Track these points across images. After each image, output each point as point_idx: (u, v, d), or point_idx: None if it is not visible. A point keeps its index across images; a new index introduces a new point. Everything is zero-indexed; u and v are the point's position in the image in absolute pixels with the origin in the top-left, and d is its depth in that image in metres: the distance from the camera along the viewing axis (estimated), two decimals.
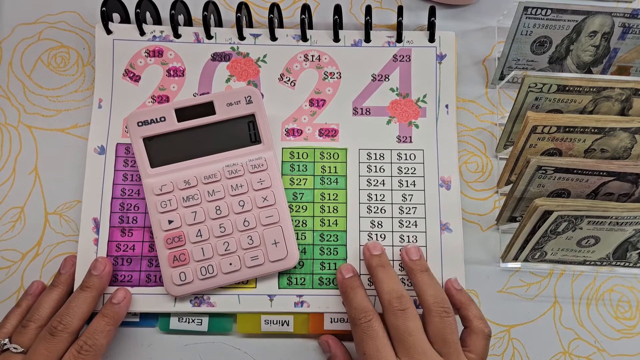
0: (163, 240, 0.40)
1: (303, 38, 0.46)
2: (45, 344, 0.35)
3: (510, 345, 0.43)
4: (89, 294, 0.38)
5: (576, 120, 0.38)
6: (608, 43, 0.43)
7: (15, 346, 0.36)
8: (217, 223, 0.40)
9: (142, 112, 0.40)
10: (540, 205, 0.36)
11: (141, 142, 0.40)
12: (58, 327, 0.36)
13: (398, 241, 0.43)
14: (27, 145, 0.45)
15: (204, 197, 0.40)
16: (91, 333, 0.36)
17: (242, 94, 0.40)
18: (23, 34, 0.47)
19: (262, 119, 0.41)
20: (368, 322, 0.35)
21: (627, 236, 0.38)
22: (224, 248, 0.40)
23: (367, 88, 0.45)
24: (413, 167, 0.44)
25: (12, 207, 0.44)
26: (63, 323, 0.36)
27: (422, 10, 0.49)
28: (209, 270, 0.40)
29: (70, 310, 0.37)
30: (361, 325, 0.36)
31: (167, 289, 0.40)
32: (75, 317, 0.37)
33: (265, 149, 0.41)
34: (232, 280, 0.40)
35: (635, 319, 0.43)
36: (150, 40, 0.45)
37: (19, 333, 0.37)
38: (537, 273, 0.44)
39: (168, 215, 0.40)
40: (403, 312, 0.35)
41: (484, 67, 0.48)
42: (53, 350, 0.35)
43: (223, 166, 0.41)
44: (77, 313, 0.37)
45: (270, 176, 0.41)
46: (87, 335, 0.36)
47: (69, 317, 0.36)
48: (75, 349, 0.35)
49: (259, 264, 0.40)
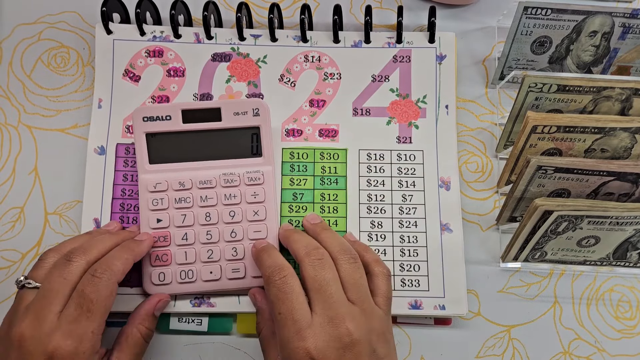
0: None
1: (303, 39, 0.46)
2: (61, 269, 0.34)
3: (510, 345, 0.43)
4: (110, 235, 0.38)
5: (576, 120, 0.38)
6: (608, 43, 0.43)
7: (29, 281, 0.34)
8: (204, 229, 0.40)
9: (149, 108, 0.40)
10: (540, 205, 0.36)
11: (143, 137, 0.40)
12: (75, 253, 0.34)
13: (398, 241, 0.43)
14: (27, 145, 0.45)
15: (196, 201, 0.40)
16: (106, 258, 0.35)
17: (250, 105, 0.40)
18: (23, 34, 0.47)
19: (267, 133, 0.41)
20: (283, 278, 0.35)
21: (627, 236, 0.38)
22: (207, 255, 0.40)
23: (367, 89, 0.45)
24: (413, 167, 0.44)
25: (12, 207, 0.44)
26: (81, 249, 0.35)
27: (422, 11, 0.49)
28: (189, 275, 0.40)
29: (90, 241, 0.36)
30: (276, 283, 0.35)
31: (145, 286, 0.40)
32: (95, 247, 0.36)
33: (264, 163, 0.41)
34: (210, 289, 0.40)
35: (635, 319, 0.43)
36: (150, 40, 0.45)
37: (35, 267, 0.35)
38: (537, 273, 0.44)
39: (158, 213, 0.40)
40: (320, 261, 0.35)
41: (484, 67, 0.48)
42: (68, 275, 0.34)
43: (220, 174, 0.41)
44: (97, 244, 0.36)
45: (265, 191, 0.41)
46: (102, 260, 0.35)
47: (87, 245, 0.35)
48: (90, 272, 0.34)
49: (239, 276, 0.40)
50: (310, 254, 0.36)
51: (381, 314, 0.35)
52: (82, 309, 0.33)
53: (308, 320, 0.33)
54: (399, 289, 0.42)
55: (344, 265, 0.36)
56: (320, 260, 0.35)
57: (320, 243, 0.38)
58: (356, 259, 0.37)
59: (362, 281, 0.36)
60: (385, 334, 0.35)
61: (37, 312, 0.33)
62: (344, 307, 0.34)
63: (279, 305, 0.34)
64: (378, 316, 0.35)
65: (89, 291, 0.33)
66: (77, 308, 0.33)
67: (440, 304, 0.41)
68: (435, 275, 0.42)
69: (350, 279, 0.35)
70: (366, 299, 0.35)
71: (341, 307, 0.34)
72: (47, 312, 0.33)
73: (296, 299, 0.34)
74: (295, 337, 0.32)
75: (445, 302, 0.41)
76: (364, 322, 0.34)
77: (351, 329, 0.33)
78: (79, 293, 0.33)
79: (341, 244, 0.37)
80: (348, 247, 0.37)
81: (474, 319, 0.43)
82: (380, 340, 0.34)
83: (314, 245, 0.37)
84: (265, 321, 0.38)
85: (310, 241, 0.37)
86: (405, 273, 0.42)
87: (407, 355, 0.42)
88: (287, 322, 0.33)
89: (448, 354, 0.42)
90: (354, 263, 0.36)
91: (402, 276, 0.42)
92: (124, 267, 0.35)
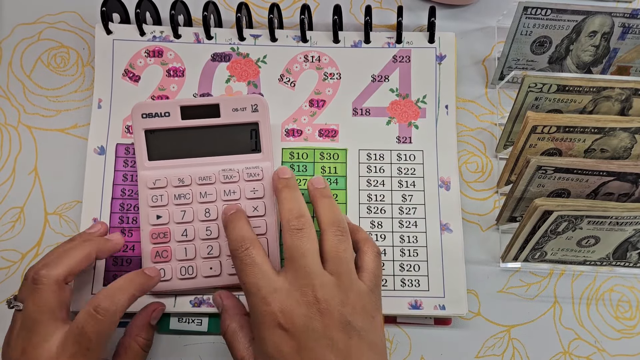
0: (148, 234, 0.40)
1: (303, 39, 0.46)
2: (33, 296, 0.33)
3: (510, 345, 0.43)
4: (81, 244, 0.37)
5: (576, 120, 0.38)
6: (608, 43, 0.43)
7: (17, 304, 0.34)
8: (204, 225, 0.40)
9: (148, 105, 0.40)
10: (540, 205, 0.36)
11: (142, 133, 0.40)
12: (39, 274, 0.33)
13: (398, 241, 0.43)
14: (27, 145, 0.45)
15: (196, 197, 0.40)
16: (112, 291, 0.34)
17: (249, 101, 0.40)
18: (23, 34, 0.47)
19: (265, 129, 0.41)
20: (245, 251, 0.34)
21: (627, 236, 0.38)
22: (207, 252, 0.40)
23: (366, 89, 0.45)
24: (413, 167, 0.44)
25: (12, 207, 0.44)
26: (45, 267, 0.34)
27: (422, 11, 0.49)
28: (189, 271, 0.40)
29: (57, 256, 0.35)
30: (239, 256, 0.34)
31: None
32: (60, 261, 0.34)
33: (263, 159, 0.41)
34: (210, 285, 0.40)
35: (635, 319, 0.43)
36: (150, 40, 0.45)
37: (21, 287, 0.34)
38: (537, 273, 0.44)
39: (157, 210, 0.40)
40: (300, 231, 0.34)
41: (483, 67, 0.48)
42: (39, 301, 0.33)
43: (219, 170, 0.41)
44: (62, 258, 0.35)
45: (264, 187, 0.41)
46: (106, 294, 0.34)
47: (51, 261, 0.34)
48: (93, 308, 0.33)
49: None
50: (291, 222, 0.35)
51: (364, 288, 0.34)
52: (80, 346, 0.32)
53: (273, 287, 0.33)
54: (399, 289, 0.42)
55: (330, 237, 0.35)
56: (299, 230, 0.34)
57: (315, 209, 0.37)
58: (344, 232, 0.35)
59: (346, 254, 0.35)
60: (366, 308, 0.33)
61: (26, 345, 0.33)
62: (317, 277, 0.33)
63: (243, 277, 0.34)
64: (358, 290, 0.34)
65: (89, 330, 0.32)
66: (74, 344, 0.32)
67: (440, 304, 0.41)
68: (435, 275, 0.42)
69: (332, 251, 0.34)
70: (346, 272, 0.34)
71: (313, 277, 0.33)
72: (35, 344, 0.33)
73: (259, 268, 0.33)
74: (261, 302, 0.32)
75: (445, 302, 0.41)
76: (337, 293, 0.33)
77: (319, 297, 0.32)
78: (79, 329, 0.32)
79: (334, 215, 0.36)
80: (340, 219, 0.36)
81: (474, 319, 0.43)
82: (358, 313, 0.33)
83: (298, 212, 0.35)
84: (232, 316, 0.37)
85: (295, 205, 0.36)
86: (405, 273, 0.42)
87: (407, 355, 0.42)
88: (252, 290, 0.33)
89: (448, 354, 0.42)
90: (340, 236, 0.35)
91: (402, 276, 0.42)
92: (128, 303, 0.35)
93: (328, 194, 0.38)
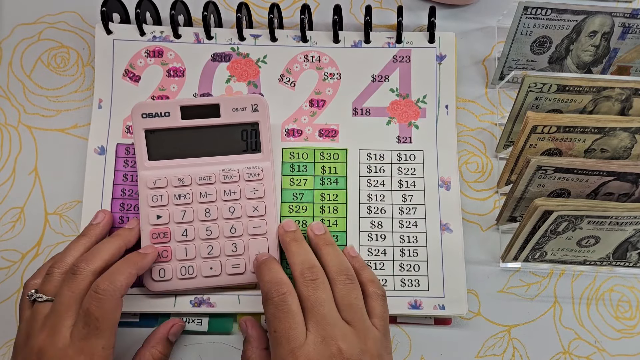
0: (149, 234, 0.40)
1: (303, 39, 0.46)
2: (69, 284, 0.35)
3: (510, 345, 0.43)
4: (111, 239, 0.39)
5: (576, 120, 0.38)
6: (608, 43, 0.43)
7: (40, 295, 0.35)
8: (204, 225, 0.40)
9: (148, 104, 0.40)
10: (540, 205, 0.36)
11: (143, 133, 0.40)
12: (79, 265, 0.35)
13: (398, 241, 0.43)
14: (27, 146, 0.45)
15: (196, 197, 0.40)
16: (110, 273, 0.35)
17: (249, 101, 0.40)
18: (23, 34, 0.47)
19: (265, 129, 0.41)
20: (281, 296, 0.34)
21: (627, 236, 0.38)
22: (207, 251, 0.40)
23: (367, 89, 0.45)
24: (413, 167, 0.44)
25: (12, 207, 0.44)
26: (84, 260, 0.36)
27: (422, 11, 0.49)
28: (189, 271, 0.40)
29: (93, 250, 0.37)
30: (274, 300, 0.34)
31: (145, 283, 0.40)
32: (98, 255, 0.36)
33: (263, 159, 0.41)
34: (210, 285, 0.40)
35: (635, 319, 0.43)
36: (150, 40, 0.45)
37: (44, 282, 0.36)
38: (537, 273, 0.44)
39: (157, 210, 0.40)
40: (314, 282, 0.35)
41: (484, 67, 0.48)
42: (75, 289, 0.34)
43: (219, 170, 0.41)
44: (99, 252, 0.37)
45: (264, 186, 0.41)
46: (105, 276, 0.35)
47: (91, 255, 0.36)
48: (93, 289, 0.34)
49: (239, 272, 0.40)
50: (304, 273, 0.36)
51: (377, 334, 0.35)
52: (90, 327, 0.33)
53: (302, 340, 0.33)
54: (399, 289, 0.42)
55: (340, 286, 0.36)
56: (313, 281, 0.35)
57: (320, 258, 0.38)
58: (353, 279, 0.37)
59: (357, 302, 0.36)
60: (381, 354, 0.35)
61: (52, 326, 0.34)
62: (337, 327, 0.34)
63: (276, 324, 0.34)
64: (373, 336, 0.35)
65: (93, 309, 0.34)
66: (84, 326, 0.33)
67: (440, 304, 0.41)
68: (435, 275, 0.42)
69: (345, 300, 0.35)
70: (361, 319, 0.35)
71: (334, 327, 0.34)
72: (61, 326, 0.34)
73: (293, 318, 0.34)
74: (289, 356, 0.33)
75: (445, 302, 0.41)
76: (356, 342, 0.34)
77: (343, 348, 0.33)
78: (85, 311, 0.34)
79: (340, 263, 0.37)
80: (346, 266, 0.37)
81: (474, 318, 0.43)
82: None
83: (309, 263, 0.37)
84: (254, 350, 0.38)
85: (306, 257, 0.37)
86: (405, 273, 0.42)
87: (407, 355, 0.42)
88: (282, 341, 0.33)
89: (448, 354, 0.42)
90: (350, 284, 0.36)
91: (402, 276, 0.42)
92: (127, 281, 0.36)
93: (331, 241, 0.40)
